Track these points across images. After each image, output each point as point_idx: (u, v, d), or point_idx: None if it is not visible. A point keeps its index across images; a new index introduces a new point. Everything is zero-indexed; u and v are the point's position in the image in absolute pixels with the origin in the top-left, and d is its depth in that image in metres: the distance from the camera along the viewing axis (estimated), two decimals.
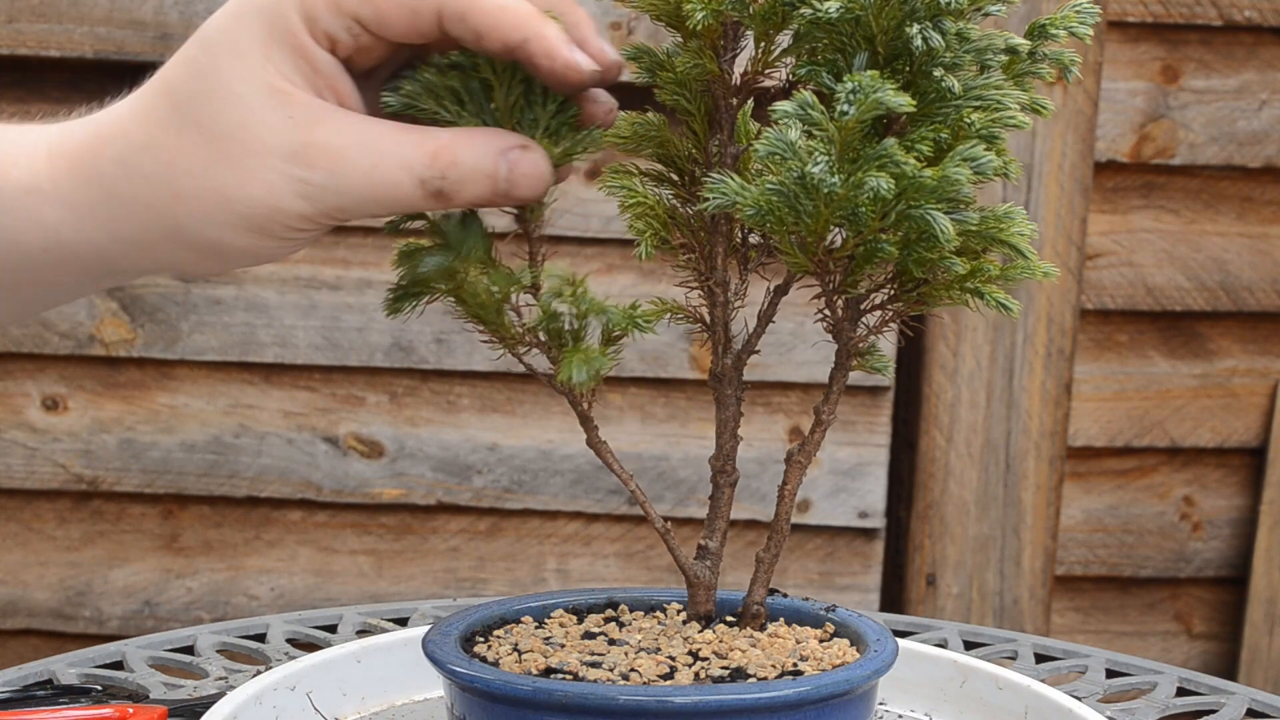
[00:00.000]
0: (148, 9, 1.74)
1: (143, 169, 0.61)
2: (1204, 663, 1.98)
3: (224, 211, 0.59)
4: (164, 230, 0.61)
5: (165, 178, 0.60)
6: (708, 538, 0.67)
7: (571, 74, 0.58)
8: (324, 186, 0.58)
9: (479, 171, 0.58)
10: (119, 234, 0.62)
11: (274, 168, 0.58)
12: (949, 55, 0.58)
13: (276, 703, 0.76)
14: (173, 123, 0.60)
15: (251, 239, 0.60)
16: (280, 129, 0.58)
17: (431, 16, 0.58)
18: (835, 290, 0.62)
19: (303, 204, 0.59)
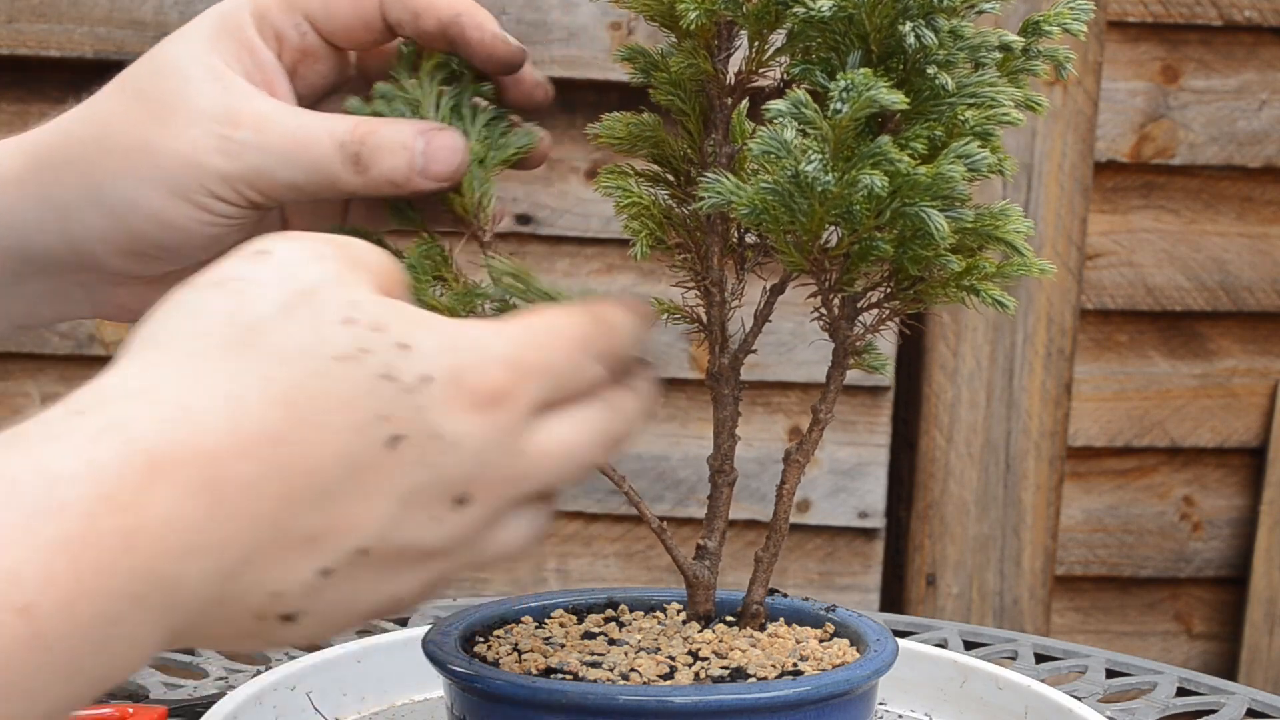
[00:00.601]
0: (148, 9, 1.74)
1: (75, 133, 0.62)
2: (1204, 663, 1.98)
3: (145, 165, 0.60)
4: (85, 190, 0.61)
5: (95, 136, 0.62)
6: (707, 537, 0.67)
7: (500, 46, 0.61)
8: (246, 143, 0.59)
9: (396, 143, 0.60)
10: (43, 199, 0.62)
11: (201, 125, 0.60)
12: (942, 53, 0.58)
13: (277, 703, 0.76)
14: (114, 94, 0.62)
15: (168, 201, 0.60)
16: (212, 96, 0.60)
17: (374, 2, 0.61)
18: (831, 289, 0.62)
19: (223, 160, 0.59)
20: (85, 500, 0.42)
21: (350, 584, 0.50)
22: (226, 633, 0.48)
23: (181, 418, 0.45)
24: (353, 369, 0.48)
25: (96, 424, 0.44)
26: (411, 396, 0.48)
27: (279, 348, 0.48)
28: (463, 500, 0.50)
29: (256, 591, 0.47)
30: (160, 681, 0.85)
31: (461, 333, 0.51)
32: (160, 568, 0.44)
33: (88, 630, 0.42)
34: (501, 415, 0.50)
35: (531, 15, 1.74)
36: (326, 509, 0.48)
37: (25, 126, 1.88)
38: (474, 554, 0.53)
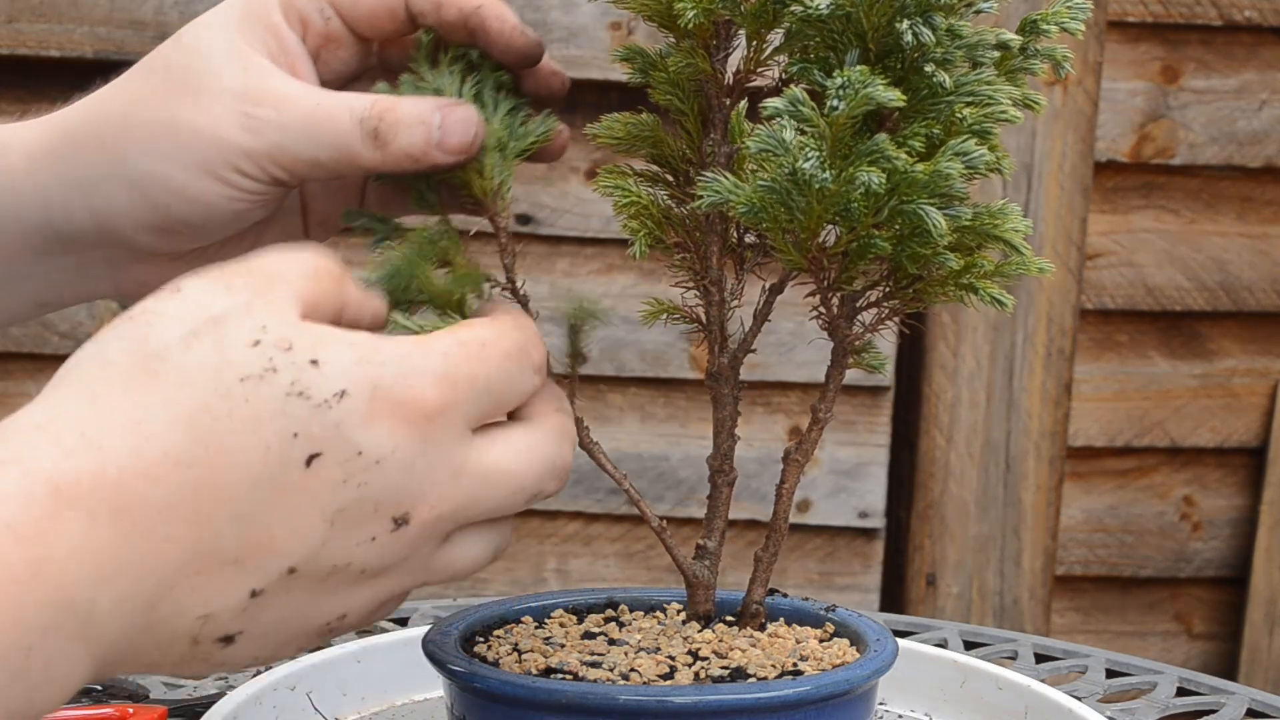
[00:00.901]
0: (148, 9, 1.74)
1: (101, 108, 0.63)
2: (1204, 663, 1.98)
3: (169, 140, 0.61)
4: (110, 164, 0.62)
5: (120, 112, 0.62)
6: (707, 537, 0.67)
7: (519, 37, 0.62)
8: (268, 122, 0.60)
9: (414, 117, 0.60)
10: (66, 176, 0.63)
11: (224, 103, 0.60)
12: (940, 51, 0.58)
13: (276, 703, 0.76)
14: (140, 73, 0.63)
15: (192, 176, 0.60)
16: (235, 75, 0.60)
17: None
18: (830, 287, 0.62)
19: (246, 137, 0.60)
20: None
21: (285, 604, 0.49)
22: (164, 659, 0.48)
23: (83, 446, 0.45)
24: (260, 388, 0.47)
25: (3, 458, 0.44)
26: (325, 412, 0.48)
27: (182, 373, 0.47)
28: (402, 520, 0.50)
29: (184, 616, 0.47)
30: (160, 681, 0.85)
31: (380, 346, 0.50)
32: (71, 596, 0.44)
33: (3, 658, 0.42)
34: (434, 431, 0.50)
35: (531, 15, 1.75)
36: (247, 530, 0.47)
37: None
38: (424, 573, 0.53)
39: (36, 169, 0.63)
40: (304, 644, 0.52)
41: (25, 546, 0.43)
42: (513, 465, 0.53)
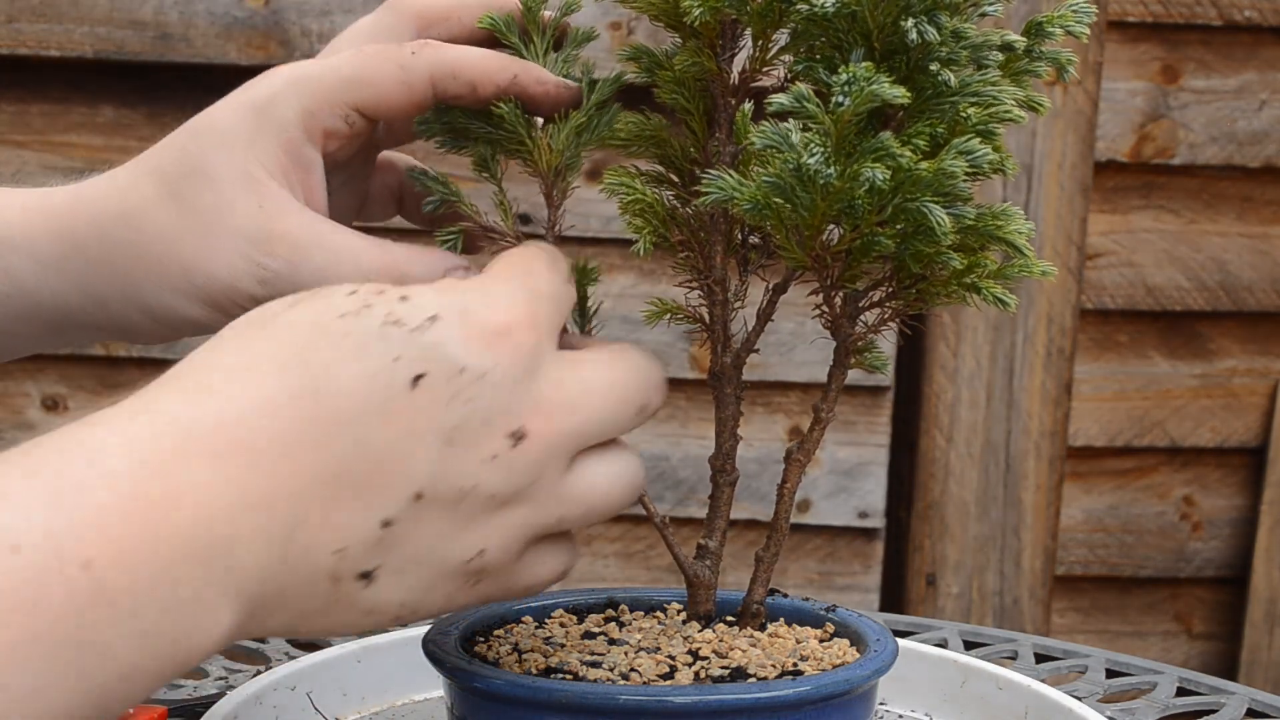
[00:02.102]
0: (148, 9, 1.74)
1: (115, 233, 0.63)
2: (1204, 663, 1.98)
3: (184, 282, 0.62)
4: (124, 292, 0.63)
5: (135, 243, 0.63)
6: (707, 537, 0.67)
7: (564, 92, 0.63)
8: (280, 275, 0.61)
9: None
10: (80, 287, 0.64)
11: (238, 249, 0.61)
12: (944, 50, 0.58)
13: (277, 703, 0.76)
14: (153, 197, 0.63)
15: (203, 311, 0.63)
16: (250, 214, 0.61)
17: (424, 84, 0.62)
18: (833, 286, 0.62)
19: (258, 288, 0.61)
20: (129, 467, 0.45)
21: (419, 535, 0.50)
22: (309, 604, 0.50)
23: (203, 392, 0.48)
24: (358, 321, 0.50)
25: (131, 409, 0.47)
26: (422, 334, 0.50)
27: (287, 322, 0.51)
28: (519, 435, 0.51)
29: (320, 550, 0.49)
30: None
31: (457, 283, 0.53)
32: (211, 528, 0.46)
33: (150, 589, 0.44)
34: (527, 346, 0.52)
35: None
36: (367, 455, 0.49)
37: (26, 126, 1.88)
38: (557, 503, 0.54)
39: (48, 275, 0.65)
40: (449, 591, 0.53)
41: (161, 480, 0.45)
42: (610, 374, 0.55)
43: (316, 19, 1.75)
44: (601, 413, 0.54)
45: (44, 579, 0.42)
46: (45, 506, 0.43)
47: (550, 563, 0.56)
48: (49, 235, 0.65)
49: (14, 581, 0.42)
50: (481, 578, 0.53)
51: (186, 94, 1.74)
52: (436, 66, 0.63)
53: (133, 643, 0.44)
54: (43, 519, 0.43)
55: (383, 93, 0.63)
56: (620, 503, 0.56)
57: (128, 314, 0.64)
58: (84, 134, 1.75)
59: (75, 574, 0.43)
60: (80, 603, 0.43)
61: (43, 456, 0.45)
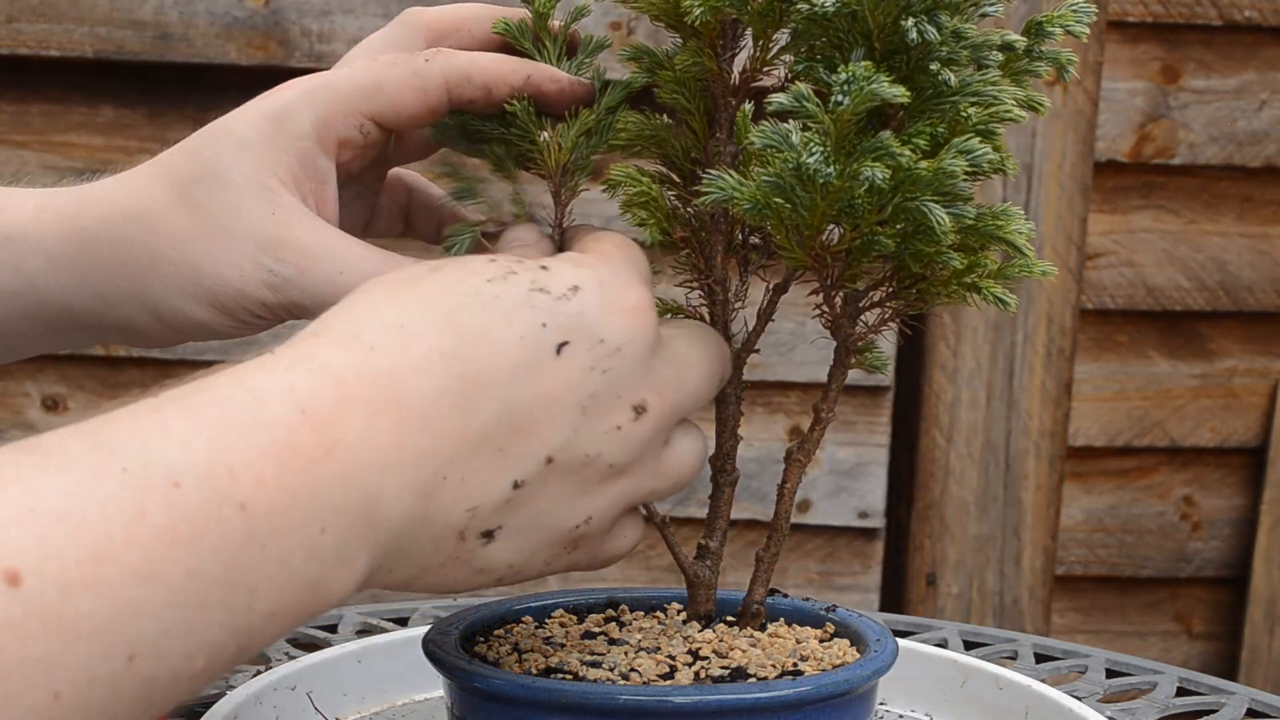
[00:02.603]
0: (148, 9, 1.74)
1: (125, 233, 0.64)
2: (1204, 663, 1.98)
3: (194, 284, 0.62)
4: (132, 293, 0.64)
5: (145, 244, 0.63)
6: (708, 537, 0.67)
7: (578, 89, 0.65)
8: (290, 281, 0.62)
9: None
10: (89, 286, 0.64)
11: (248, 254, 0.62)
12: (945, 50, 0.58)
13: (277, 702, 0.76)
14: (164, 199, 0.63)
15: (211, 314, 0.63)
16: (262, 221, 0.62)
17: (439, 89, 0.63)
18: (833, 285, 0.62)
19: (267, 293, 0.62)
20: (289, 415, 0.46)
21: (541, 498, 0.52)
22: (433, 559, 0.51)
23: (357, 345, 0.49)
24: (506, 286, 0.52)
25: (290, 357, 0.49)
26: (566, 303, 0.52)
27: (434, 284, 0.52)
28: (641, 409, 0.54)
29: (455, 507, 0.50)
30: None
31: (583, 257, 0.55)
32: (360, 480, 0.47)
33: (299, 534, 0.46)
34: (650, 323, 0.55)
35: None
36: (511, 417, 0.51)
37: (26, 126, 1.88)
38: (655, 475, 0.56)
39: (57, 273, 0.65)
40: (550, 555, 0.55)
41: (319, 430, 0.46)
42: (700, 353, 0.58)
43: (316, 19, 1.75)
44: (697, 386, 0.57)
45: (202, 517, 0.43)
46: (207, 446, 0.44)
47: (630, 534, 0.58)
48: (59, 234, 0.65)
49: (173, 517, 0.42)
50: (579, 544, 0.55)
51: (186, 94, 1.74)
52: (451, 72, 0.63)
53: (278, 586, 0.45)
54: (204, 458, 0.44)
55: (398, 100, 0.63)
56: (695, 474, 0.59)
57: (135, 315, 0.64)
58: (84, 134, 1.75)
59: (231, 514, 0.44)
60: (234, 543, 0.44)
61: (204, 398, 0.46)
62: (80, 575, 0.40)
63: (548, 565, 0.55)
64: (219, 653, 0.44)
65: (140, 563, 0.41)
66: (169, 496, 0.43)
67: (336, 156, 0.64)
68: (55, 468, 0.42)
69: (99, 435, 0.43)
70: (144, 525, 0.42)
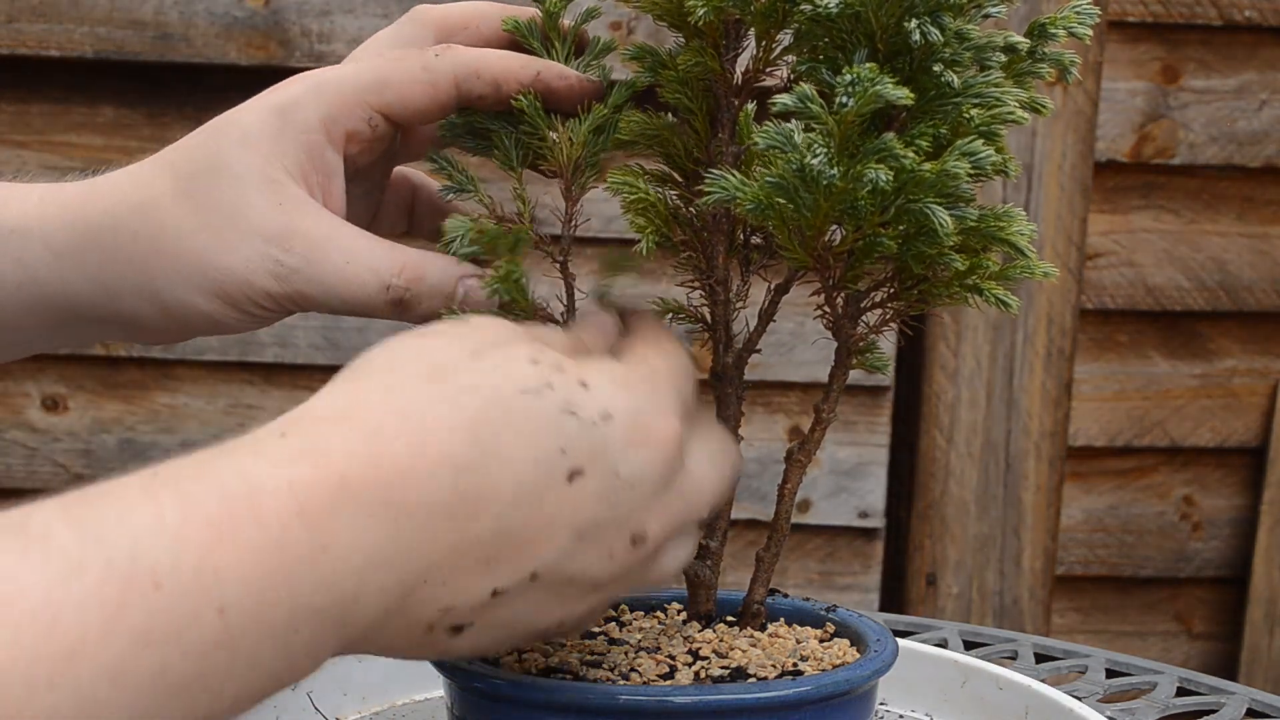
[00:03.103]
0: (148, 9, 1.74)
1: (131, 225, 0.63)
2: (1204, 663, 1.99)
3: (199, 275, 0.62)
4: (137, 284, 0.63)
5: (150, 235, 0.63)
6: (708, 537, 0.67)
7: (587, 86, 0.65)
8: (296, 270, 0.61)
9: (439, 291, 0.62)
10: (93, 278, 0.64)
11: (254, 245, 0.61)
12: (948, 51, 0.58)
13: (277, 702, 0.76)
14: (169, 191, 0.63)
15: (217, 306, 0.62)
16: (268, 212, 0.61)
17: (448, 84, 0.63)
18: (835, 286, 0.62)
19: (273, 283, 0.61)
20: (283, 514, 0.45)
21: (520, 605, 0.52)
22: (398, 643, 0.50)
23: (372, 440, 0.47)
24: (537, 401, 0.50)
25: (299, 445, 0.47)
26: (593, 431, 0.51)
27: (469, 382, 0.50)
28: (639, 539, 0.53)
29: (429, 607, 0.49)
30: None
31: (629, 375, 0.54)
32: (341, 584, 0.46)
33: (271, 634, 0.45)
34: (675, 457, 0.53)
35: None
36: (504, 535, 0.50)
37: (26, 126, 1.88)
38: (639, 583, 0.56)
39: (61, 264, 0.64)
40: (516, 644, 0.54)
41: (312, 531, 0.45)
42: (711, 472, 0.56)
43: (316, 19, 1.75)
44: (700, 507, 0.56)
45: (181, 619, 0.42)
46: (197, 545, 0.43)
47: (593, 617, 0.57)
48: (64, 225, 0.64)
49: (152, 619, 0.41)
50: (549, 638, 0.55)
51: (186, 94, 1.74)
52: (460, 67, 0.63)
53: (241, 682, 0.44)
54: (191, 560, 0.43)
55: (406, 94, 0.63)
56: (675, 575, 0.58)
57: (139, 307, 0.64)
58: (84, 134, 1.75)
59: (210, 617, 0.43)
60: (207, 645, 0.43)
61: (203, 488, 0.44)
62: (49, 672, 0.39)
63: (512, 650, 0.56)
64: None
65: (112, 662, 0.41)
66: (149, 598, 0.42)
67: (344, 150, 0.64)
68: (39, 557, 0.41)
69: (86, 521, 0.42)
70: (120, 625, 0.41)
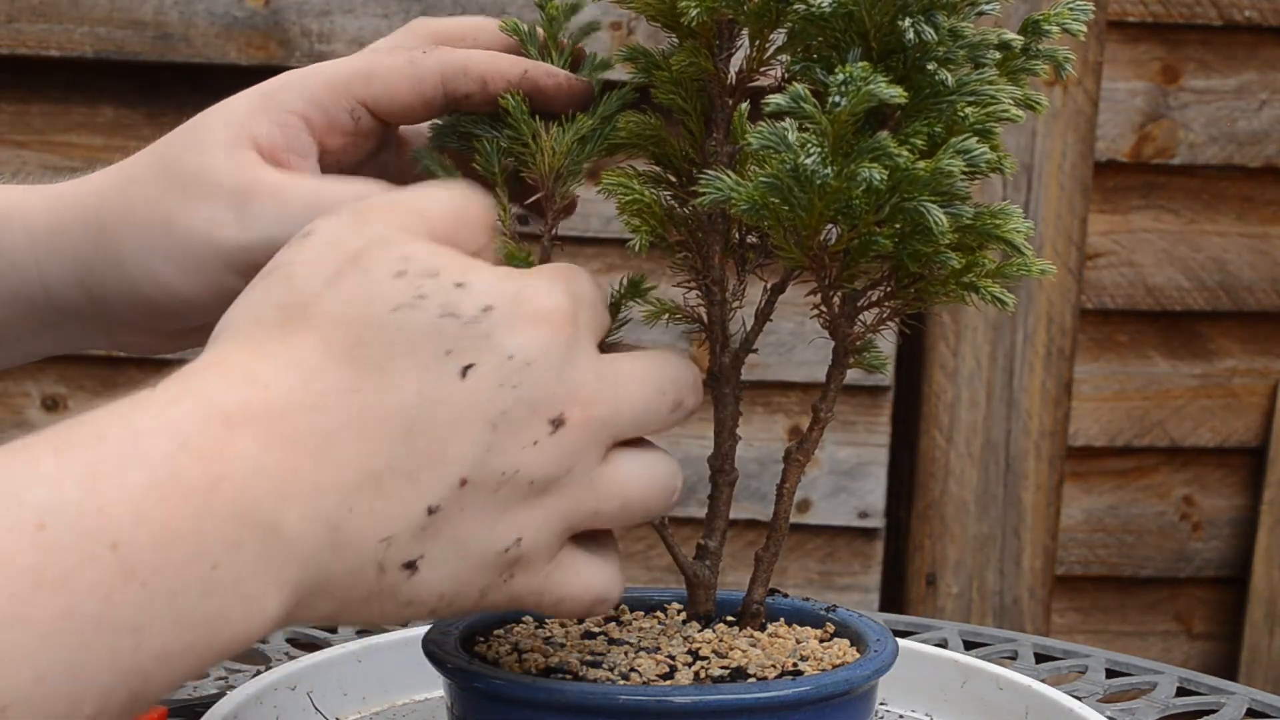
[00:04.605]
0: (148, 9, 1.74)
1: (108, 201, 0.63)
2: (1204, 663, 1.99)
3: (164, 241, 0.62)
4: (106, 252, 0.63)
5: (125, 208, 0.63)
6: (707, 537, 0.67)
7: (577, 85, 0.64)
8: (263, 212, 0.61)
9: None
10: (67, 258, 0.64)
11: (216, 200, 0.61)
12: (942, 49, 0.58)
13: (277, 702, 0.76)
14: (148, 170, 0.63)
15: (183, 277, 0.62)
16: (229, 172, 0.61)
17: (434, 79, 0.63)
18: (831, 286, 0.62)
19: (238, 231, 0.61)
20: (168, 450, 0.44)
21: (461, 521, 0.50)
22: (353, 592, 0.49)
23: (249, 381, 0.47)
24: (411, 314, 0.50)
25: (173, 391, 0.47)
26: (475, 326, 0.50)
27: (333, 314, 0.49)
28: (558, 422, 0.51)
29: (367, 539, 0.48)
30: None
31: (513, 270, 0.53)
32: (252, 513, 0.45)
33: (186, 571, 0.44)
34: (572, 335, 0.52)
35: (531, 15, 1.74)
36: (416, 444, 0.49)
37: (26, 126, 1.88)
38: (593, 493, 0.53)
39: (36, 245, 0.64)
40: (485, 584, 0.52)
41: (203, 464, 0.45)
42: (645, 368, 0.55)
43: (316, 19, 1.75)
44: (635, 403, 0.54)
45: (73, 557, 0.42)
46: (76, 484, 0.43)
47: (586, 574, 0.55)
48: (45, 210, 0.65)
49: (40, 559, 0.41)
50: (516, 571, 0.53)
51: (186, 94, 1.74)
52: (446, 64, 0.63)
53: (169, 625, 0.44)
54: (73, 497, 0.43)
55: (391, 87, 0.63)
56: (655, 501, 0.56)
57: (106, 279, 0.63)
58: (84, 134, 1.75)
59: (103, 554, 0.42)
60: (110, 583, 0.42)
61: (79, 435, 0.44)
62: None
63: (483, 595, 0.53)
64: (108, 696, 0.43)
65: (6, 607, 0.40)
66: (36, 538, 0.41)
67: (327, 141, 0.64)
68: None
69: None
70: (11, 568, 0.41)
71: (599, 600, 0.56)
